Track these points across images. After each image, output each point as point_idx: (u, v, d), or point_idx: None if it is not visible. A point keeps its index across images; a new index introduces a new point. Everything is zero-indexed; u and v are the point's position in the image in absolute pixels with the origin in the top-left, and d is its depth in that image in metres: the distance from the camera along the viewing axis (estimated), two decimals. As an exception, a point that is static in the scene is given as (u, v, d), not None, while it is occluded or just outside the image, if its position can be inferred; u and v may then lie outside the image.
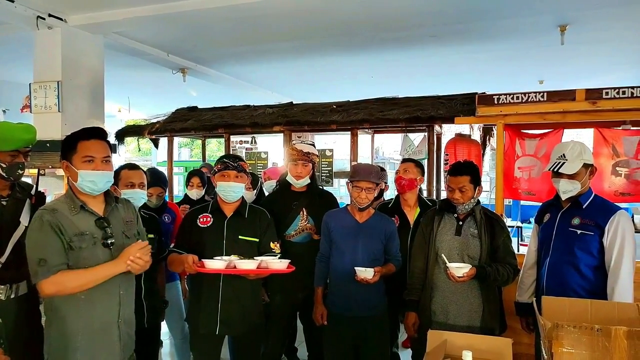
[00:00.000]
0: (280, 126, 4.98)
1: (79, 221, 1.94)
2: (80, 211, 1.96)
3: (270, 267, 2.38)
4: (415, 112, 4.55)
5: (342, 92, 6.48)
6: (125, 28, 5.02)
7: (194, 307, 2.58)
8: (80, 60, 4.95)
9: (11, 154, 2.32)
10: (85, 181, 1.95)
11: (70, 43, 4.82)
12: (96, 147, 1.98)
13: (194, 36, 5.52)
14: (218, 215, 2.57)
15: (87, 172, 1.94)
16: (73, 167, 1.95)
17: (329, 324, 2.76)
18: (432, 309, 2.60)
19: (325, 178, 5.08)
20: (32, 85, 4.81)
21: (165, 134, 5.60)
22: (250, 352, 2.65)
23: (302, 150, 3.04)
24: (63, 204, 1.97)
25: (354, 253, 2.69)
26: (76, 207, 1.96)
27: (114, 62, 5.62)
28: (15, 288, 2.33)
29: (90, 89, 5.10)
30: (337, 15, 4.83)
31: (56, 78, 4.72)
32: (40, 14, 4.53)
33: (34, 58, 4.85)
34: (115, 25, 4.87)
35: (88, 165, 1.94)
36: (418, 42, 5.88)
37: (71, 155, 1.96)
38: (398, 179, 3.21)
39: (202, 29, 5.17)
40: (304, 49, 6.11)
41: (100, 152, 1.98)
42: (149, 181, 2.91)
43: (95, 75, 5.17)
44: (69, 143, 1.99)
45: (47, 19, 4.58)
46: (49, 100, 4.75)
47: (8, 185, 2.39)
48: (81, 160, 1.94)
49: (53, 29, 4.70)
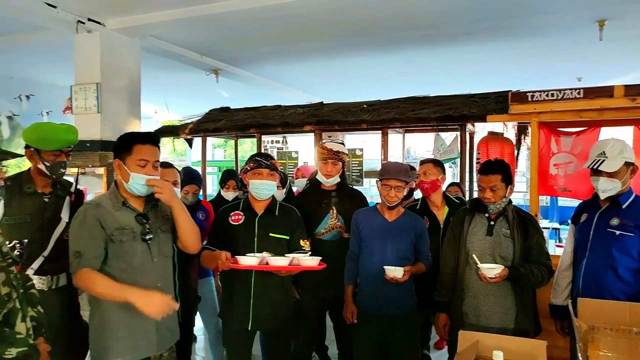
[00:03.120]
0: (310, 126, 5.01)
1: (120, 216, 2.05)
2: (122, 207, 2.07)
3: (301, 264, 2.40)
4: (447, 111, 4.50)
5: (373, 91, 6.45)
6: (160, 31, 5.15)
7: (227, 303, 2.63)
8: (118, 63, 5.11)
9: (54, 154, 2.44)
10: (136, 183, 2.04)
11: (109, 46, 4.99)
12: (150, 152, 2.06)
13: (226, 37, 5.62)
14: (249, 213, 2.61)
15: (138, 175, 2.02)
16: (126, 167, 2.04)
17: (358, 323, 2.77)
18: (463, 311, 2.57)
19: (356, 177, 5.08)
20: (73, 87, 5.00)
21: (199, 134, 5.73)
22: (281, 348, 2.68)
23: (332, 149, 3.05)
24: (107, 199, 2.09)
25: (383, 252, 2.68)
26: (119, 203, 2.07)
27: (150, 64, 5.77)
28: (56, 279, 2.45)
29: (127, 90, 5.26)
30: (368, 13, 4.82)
31: (95, 80, 4.90)
32: (80, 18, 4.70)
33: (74, 61, 5.04)
34: (151, 28, 5.00)
35: (141, 169, 2.03)
36: (450, 40, 5.80)
37: (125, 156, 2.05)
38: (420, 183, 3.18)
39: (234, 30, 5.26)
40: (335, 48, 6.12)
41: (153, 157, 2.07)
42: (183, 179, 2.99)
43: (132, 77, 5.33)
44: (124, 144, 2.07)
45: (87, 23, 4.76)
46: (89, 101, 4.92)
47: (50, 182, 2.51)
48: (135, 163, 2.03)
49: (92, 33, 4.87)
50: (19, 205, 2.40)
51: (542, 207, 7.47)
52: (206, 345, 3.80)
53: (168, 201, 2.06)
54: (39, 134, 2.43)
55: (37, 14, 4.41)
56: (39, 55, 6.21)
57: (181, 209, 2.11)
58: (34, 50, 5.92)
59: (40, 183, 2.49)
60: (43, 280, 2.41)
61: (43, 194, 2.49)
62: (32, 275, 2.30)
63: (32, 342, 1.77)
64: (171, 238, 2.22)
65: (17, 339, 1.68)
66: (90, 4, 4.52)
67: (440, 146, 4.80)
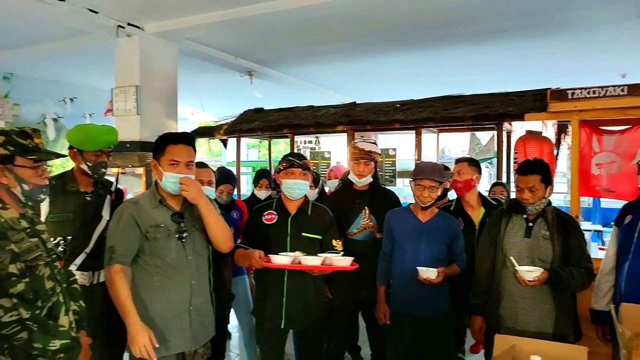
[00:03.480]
0: (343, 126, 5.01)
1: (156, 214, 2.12)
2: (159, 205, 2.14)
3: (334, 264, 2.41)
4: (483, 110, 4.40)
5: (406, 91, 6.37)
6: (196, 34, 5.26)
7: (260, 302, 2.66)
8: (156, 66, 5.25)
9: (96, 154, 2.54)
10: (168, 182, 2.11)
11: (147, 50, 5.13)
12: (182, 152, 2.12)
13: (260, 39, 5.68)
14: (282, 213, 2.63)
15: (170, 174, 2.09)
16: (160, 167, 2.11)
17: (391, 324, 2.75)
18: (500, 314, 2.50)
19: (389, 177, 5.04)
20: (114, 90, 5.17)
21: (233, 134, 5.82)
22: (314, 347, 2.69)
23: (364, 149, 3.04)
24: (145, 197, 2.17)
25: (417, 253, 2.66)
26: (156, 201, 2.14)
27: (186, 66, 5.90)
28: (97, 275, 2.54)
29: (165, 92, 5.40)
30: (401, 12, 4.78)
31: (134, 83, 5.05)
32: (120, 23, 4.86)
33: (114, 65, 5.21)
34: (187, 32, 5.12)
35: (173, 168, 2.10)
36: (486, 37, 5.68)
37: (160, 156, 2.13)
38: (454, 182, 3.12)
39: (267, 32, 5.31)
40: (368, 48, 6.09)
41: (185, 157, 2.12)
42: (218, 179, 3.05)
43: (169, 80, 5.46)
44: (159, 145, 2.15)
45: (127, 27, 4.91)
46: (128, 104, 5.08)
47: (92, 182, 2.61)
48: (167, 163, 2.10)
49: (132, 37, 5.02)
50: (62, 204, 2.51)
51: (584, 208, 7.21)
52: (240, 343, 3.85)
53: (193, 199, 2.10)
54: (81, 135, 2.53)
55: (80, 20, 4.58)
56: (81, 60, 6.45)
57: (207, 207, 2.15)
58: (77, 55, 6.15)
59: (83, 182, 2.59)
60: (85, 276, 2.51)
61: (85, 192, 2.59)
62: (74, 271, 2.39)
63: (74, 334, 1.84)
64: (205, 237, 2.26)
65: (60, 331, 1.76)
66: (130, 9, 4.67)
67: (475, 146, 4.72)
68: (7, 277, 1.63)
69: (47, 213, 2.47)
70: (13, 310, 1.64)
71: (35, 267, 1.73)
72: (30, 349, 1.67)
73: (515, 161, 4.07)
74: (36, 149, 1.79)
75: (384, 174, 5.00)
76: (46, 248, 1.83)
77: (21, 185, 1.75)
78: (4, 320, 1.63)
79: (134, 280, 2.14)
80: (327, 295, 3.01)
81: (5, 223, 1.70)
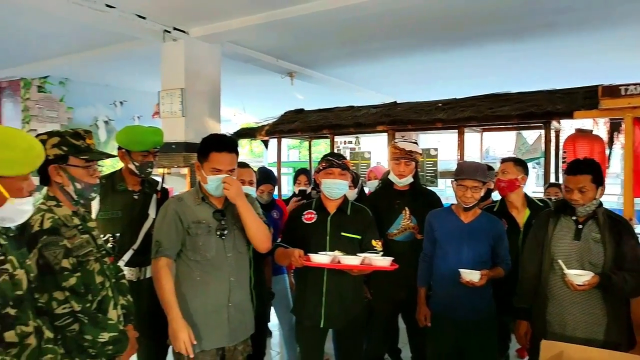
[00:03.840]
0: (383, 125, 4.96)
1: (199, 211, 2.19)
2: (201, 202, 2.21)
3: (373, 264, 2.39)
4: (529, 108, 4.25)
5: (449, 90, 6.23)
6: (238, 37, 5.36)
7: (299, 300, 2.68)
8: (200, 69, 5.38)
9: (142, 154, 2.64)
10: (211, 187, 2.18)
11: (192, 53, 5.27)
12: (224, 160, 2.17)
13: (300, 40, 5.72)
14: (321, 212, 2.64)
15: (213, 178, 2.16)
16: (202, 171, 2.19)
17: (432, 326, 2.71)
18: (546, 319, 2.41)
19: (430, 178, 4.96)
20: (160, 93, 5.34)
21: (274, 135, 5.88)
22: (353, 346, 2.68)
23: (405, 149, 3.00)
24: (189, 194, 2.26)
25: (459, 254, 2.60)
26: (199, 198, 2.21)
27: (229, 69, 6.02)
28: (144, 271, 2.64)
29: (208, 94, 5.53)
30: (444, 9, 4.68)
31: (180, 86, 5.19)
32: (166, 28, 5.02)
33: (161, 68, 5.38)
34: (230, 35, 5.22)
35: (213, 174, 2.16)
36: (532, 33, 5.48)
37: (203, 161, 2.19)
38: (497, 182, 3.03)
39: (308, 33, 5.34)
40: (410, 46, 6.02)
41: (227, 165, 2.18)
42: (259, 179, 3.09)
43: (213, 82, 5.59)
44: (203, 150, 2.21)
45: (172, 32, 5.07)
46: (174, 106, 5.23)
47: (139, 181, 2.71)
48: (210, 170, 2.16)
49: (177, 41, 5.18)
50: (112, 202, 2.62)
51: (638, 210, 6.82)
52: (281, 341, 3.89)
53: (233, 198, 2.15)
54: (129, 136, 2.64)
55: (129, 26, 4.76)
56: (130, 64, 6.71)
57: (245, 207, 2.19)
58: (126, 60, 6.40)
59: (131, 181, 2.70)
60: (132, 272, 2.61)
61: (133, 191, 2.70)
62: (122, 267, 2.49)
63: (122, 328, 1.92)
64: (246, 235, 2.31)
65: (109, 324, 1.83)
66: (176, 14, 4.81)
67: (522, 145, 4.56)
68: (60, 272, 1.72)
69: (98, 211, 2.59)
70: (65, 303, 1.73)
71: (86, 263, 1.82)
72: (81, 340, 1.75)
73: (564, 161, 3.91)
74: (88, 149, 1.88)
75: (425, 174, 4.91)
76: (96, 244, 1.91)
77: (74, 183, 1.84)
78: (57, 312, 1.71)
79: (176, 275, 2.22)
80: (366, 296, 3.00)
81: (59, 220, 1.79)
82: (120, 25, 4.70)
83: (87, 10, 4.33)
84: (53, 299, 1.71)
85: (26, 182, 1.50)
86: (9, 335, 1.42)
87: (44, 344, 1.57)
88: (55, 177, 1.83)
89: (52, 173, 1.82)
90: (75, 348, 1.74)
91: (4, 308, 1.41)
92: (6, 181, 1.43)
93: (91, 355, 1.78)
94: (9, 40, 5.61)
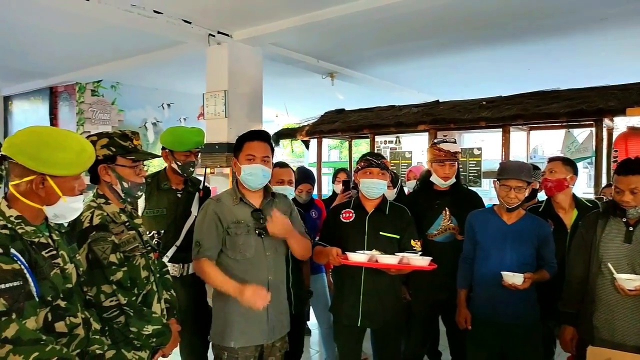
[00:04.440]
0: (425, 125, 4.89)
1: (237, 211, 2.22)
2: (239, 202, 2.24)
3: (411, 264, 2.37)
4: (580, 105, 4.07)
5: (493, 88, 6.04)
6: (279, 39, 5.43)
7: (337, 299, 2.69)
8: (242, 71, 5.50)
9: (185, 154, 2.72)
10: (246, 174, 2.21)
11: (235, 56, 5.39)
12: (258, 147, 2.22)
13: (341, 41, 5.72)
14: (360, 211, 2.63)
15: (247, 166, 2.20)
16: (238, 163, 2.23)
17: (472, 329, 2.64)
18: (594, 324, 2.31)
19: (473, 178, 4.84)
20: (205, 94, 5.49)
21: (314, 135, 5.92)
22: (390, 346, 2.66)
23: (450, 150, 2.95)
24: (227, 195, 2.28)
25: (501, 256, 2.53)
26: (236, 198, 2.24)
27: (270, 71, 6.11)
28: (187, 267, 2.72)
29: (250, 96, 5.64)
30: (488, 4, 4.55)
31: (223, 88, 5.32)
32: (211, 31, 5.16)
33: (206, 71, 5.53)
34: (271, 37, 5.30)
35: (249, 162, 2.20)
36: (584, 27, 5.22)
37: (238, 153, 2.25)
38: (544, 181, 2.92)
39: (348, 33, 5.34)
40: (452, 44, 5.89)
41: (261, 152, 2.22)
42: (297, 179, 3.12)
43: (255, 84, 5.69)
44: (237, 143, 2.28)
45: (217, 35, 5.20)
46: (218, 107, 5.37)
47: (182, 180, 2.80)
48: (244, 158, 2.21)
49: (221, 45, 5.30)
50: (156, 200, 2.72)
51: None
52: (320, 340, 3.91)
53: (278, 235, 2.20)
54: (172, 137, 2.74)
55: (176, 30, 4.93)
56: (177, 68, 6.93)
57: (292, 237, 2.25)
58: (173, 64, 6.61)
59: (174, 180, 2.79)
60: (175, 268, 2.70)
61: (177, 190, 2.79)
62: (166, 263, 2.58)
63: (165, 321, 1.99)
64: None
65: (153, 317, 1.90)
66: (220, 18, 4.93)
67: (571, 144, 4.37)
68: (108, 266, 1.81)
69: (143, 208, 2.69)
70: (113, 296, 1.81)
71: (132, 258, 1.90)
72: (127, 332, 1.83)
73: (614, 160, 3.72)
74: (135, 150, 1.96)
75: (468, 174, 4.80)
76: (142, 240, 1.99)
77: (121, 182, 1.93)
78: (105, 305, 1.80)
79: None
80: (405, 297, 2.97)
81: (107, 217, 1.88)
82: (167, 30, 4.87)
83: (136, 16, 4.52)
84: (101, 292, 1.80)
85: (78, 181, 1.59)
86: (59, 326, 1.51)
87: (91, 335, 1.65)
88: (104, 176, 1.92)
89: (102, 172, 1.92)
90: (122, 339, 1.83)
91: (55, 300, 1.50)
92: (60, 180, 1.52)
93: (136, 347, 1.86)
94: (67, 48, 5.93)
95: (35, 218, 1.53)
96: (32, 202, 1.50)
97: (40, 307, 1.45)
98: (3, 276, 1.35)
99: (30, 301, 1.41)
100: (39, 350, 1.38)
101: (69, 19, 4.77)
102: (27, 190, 1.49)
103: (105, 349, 1.69)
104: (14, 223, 1.46)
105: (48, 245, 1.54)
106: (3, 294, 1.34)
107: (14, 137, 1.50)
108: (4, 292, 1.34)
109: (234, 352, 2.19)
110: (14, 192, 1.50)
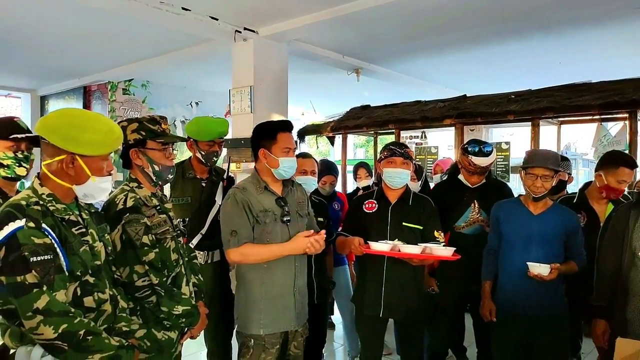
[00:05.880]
0: (451, 119, 4.83)
1: (263, 199, 2.23)
2: (264, 191, 2.24)
3: (434, 253, 2.35)
4: (612, 97, 3.96)
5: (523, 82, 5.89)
6: (305, 34, 5.45)
7: (359, 289, 2.68)
8: (267, 67, 5.54)
9: (208, 144, 2.77)
10: (285, 167, 2.22)
11: (260, 52, 5.44)
12: (291, 139, 2.27)
13: (366, 36, 5.70)
14: (383, 202, 2.62)
15: (285, 159, 2.21)
16: (272, 155, 2.22)
17: (497, 322, 2.59)
18: (627, 317, 2.23)
19: (501, 173, 4.75)
20: (231, 90, 5.57)
21: (339, 131, 5.92)
22: (413, 338, 2.65)
23: (481, 165, 2.92)
24: (250, 184, 2.27)
25: (527, 247, 2.48)
26: (261, 187, 2.25)
27: (295, 67, 6.13)
28: (211, 255, 2.76)
29: (276, 92, 5.68)
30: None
31: (249, 84, 5.38)
32: (237, 28, 5.22)
33: (232, 67, 5.60)
34: (296, 33, 5.32)
35: (287, 154, 2.22)
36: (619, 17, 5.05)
37: (271, 144, 2.23)
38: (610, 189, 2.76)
39: (374, 27, 5.31)
40: (479, 38, 5.79)
41: (293, 144, 2.26)
42: (321, 170, 3.13)
43: (280, 79, 5.73)
44: (268, 133, 2.26)
45: (243, 32, 5.25)
46: (244, 103, 5.43)
47: (207, 169, 2.85)
48: (281, 150, 2.22)
49: (247, 41, 5.36)
50: (182, 188, 2.78)
51: None
52: (344, 334, 3.91)
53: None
54: (197, 126, 2.79)
55: (203, 27, 5.01)
56: (204, 66, 7.03)
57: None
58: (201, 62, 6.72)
59: (199, 169, 2.84)
60: (201, 255, 2.74)
61: (201, 179, 2.84)
62: (192, 249, 2.63)
63: (194, 303, 2.03)
64: (306, 222, 2.35)
65: (183, 299, 1.95)
66: (246, 14, 4.99)
67: (603, 137, 4.25)
68: (141, 247, 1.86)
69: (169, 197, 2.75)
70: (145, 276, 1.86)
71: (163, 240, 1.95)
72: (158, 312, 1.88)
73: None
74: (164, 133, 2.01)
75: (495, 169, 4.72)
76: (172, 224, 2.04)
77: (152, 165, 1.98)
78: (138, 285, 1.86)
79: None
80: (433, 289, 2.95)
81: (140, 200, 1.93)
82: (195, 27, 4.96)
83: (165, 13, 4.61)
84: (134, 272, 1.85)
85: (106, 162, 1.64)
86: (87, 301, 1.57)
87: (118, 313, 1.70)
88: (136, 160, 1.98)
89: (133, 156, 1.98)
90: (152, 319, 1.87)
91: (84, 275, 1.56)
92: (89, 160, 1.57)
93: (166, 327, 1.90)
94: (99, 47, 6.11)
95: (65, 197, 1.59)
96: (62, 181, 1.56)
97: (69, 281, 1.50)
98: (35, 249, 1.41)
99: (61, 275, 1.47)
100: (68, 322, 1.43)
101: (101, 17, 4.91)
102: (58, 169, 1.54)
103: (131, 327, 1.73)
104: (45, 200, 1.52)
105: (78, 222, 1.60)
106: (35, 267, 1.40)
107: (47, 119, 1.56)
108: (36, 264, 1.40)
109: (260, 338, 2.20)
110: (45, 171, 1.56)
